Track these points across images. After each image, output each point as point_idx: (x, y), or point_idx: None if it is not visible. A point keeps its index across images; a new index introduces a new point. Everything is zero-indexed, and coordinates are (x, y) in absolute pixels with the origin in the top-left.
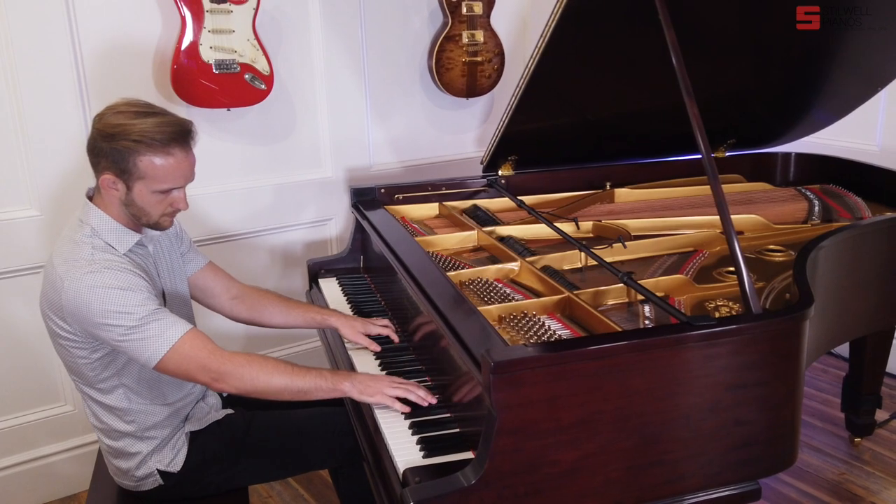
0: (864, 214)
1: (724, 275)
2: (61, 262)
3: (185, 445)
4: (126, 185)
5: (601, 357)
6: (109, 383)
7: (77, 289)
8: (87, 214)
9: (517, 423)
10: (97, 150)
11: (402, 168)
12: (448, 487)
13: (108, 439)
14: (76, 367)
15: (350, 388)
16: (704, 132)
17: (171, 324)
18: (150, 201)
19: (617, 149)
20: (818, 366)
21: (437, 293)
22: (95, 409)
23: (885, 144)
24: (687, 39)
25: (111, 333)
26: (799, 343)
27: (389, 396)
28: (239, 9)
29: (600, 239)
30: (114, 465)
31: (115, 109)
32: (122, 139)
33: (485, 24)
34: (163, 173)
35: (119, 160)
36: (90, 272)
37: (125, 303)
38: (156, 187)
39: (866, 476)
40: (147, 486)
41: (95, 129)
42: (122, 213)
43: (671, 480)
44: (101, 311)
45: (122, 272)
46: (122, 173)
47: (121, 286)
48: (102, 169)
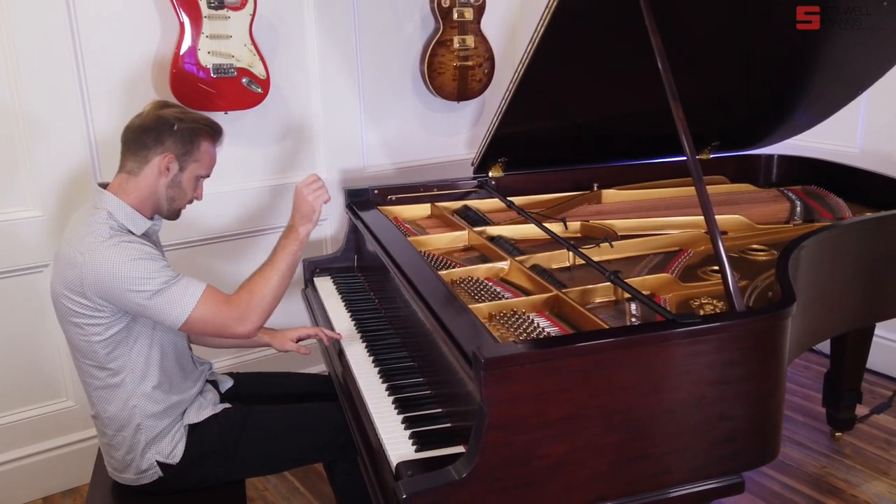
0: (845, 215)
1: (708, 273)
2: (78, 242)
3: (183, 438)
4: (180, 166)
5: (589, 354)
6: (118, 363)
7: (99, 260)
8: (101, 200)
9: (507, 418)
10: (162, 132)
11: (395, 170)
12: (440, 480)
13: (108, 429)
14: (88, 346)
15: (299, 222)
16: (689, 135)
17: (190, 284)
18: (191, 185)
19: (604, 151)
20: (800, 362)
21: (428, 291)
22: (99, 396)
23: (865, 147)
24: (672, 44)
25: (137, 297)
26: (781, 340)
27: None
28: (236, 15)
29: (588, 239)
30: (113, 459)
31: (168, 105)
32: (192, 123)
33: (475, 29)
34: (208, 160)
35: (186, 141)
36: (110, 246)
37: (147, 268)
38: (199, 172)
39: (847, 469)
40: (147, 480)
41: (159, 115)
42: (146, 200)
43: (657, 474)
44: (125, 277)
45: (140, 244)
46: (184, 154)
47: (140, 256)
48: (166, 149)
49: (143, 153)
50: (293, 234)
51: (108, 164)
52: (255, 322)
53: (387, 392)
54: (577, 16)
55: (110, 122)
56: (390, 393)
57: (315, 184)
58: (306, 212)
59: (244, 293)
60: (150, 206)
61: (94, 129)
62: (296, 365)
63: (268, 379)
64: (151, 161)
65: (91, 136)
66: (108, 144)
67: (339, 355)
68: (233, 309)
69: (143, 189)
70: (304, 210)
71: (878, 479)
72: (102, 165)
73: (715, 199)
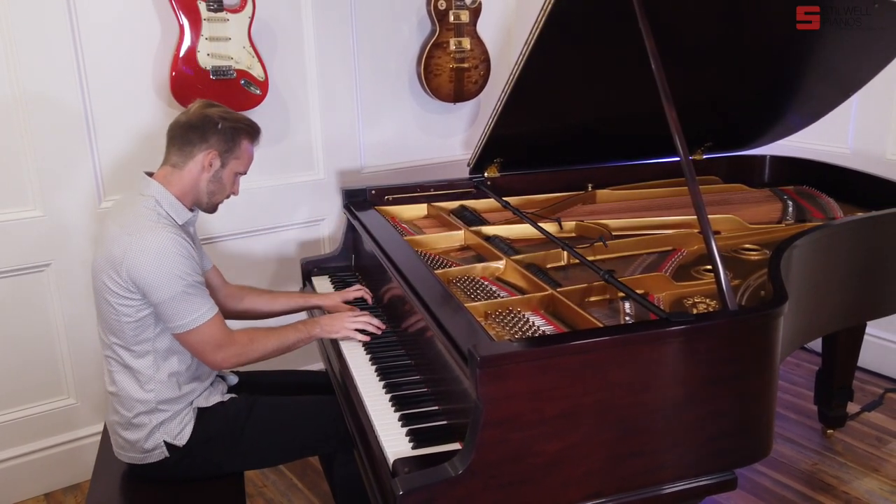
0: (837, 215)
1: (701, 273)
2: (127, 223)
3: (191, 421)
4: (222, 163)
5: (583, 352)
6: (143, 347)
7: (144, 243)
8: (148, 188)
9: (502, 416)
10: (206, 129)
11: (392, 170)
12: (436, 477)
13: (122, 408)
14: (118, 324)
15: (319, 331)
16: (683, 136)
17: (206, 302)
18: (229, 181)
19: (598, 151)
20: (792, 360)
21: (425, 290)
22: (119, 376)
23: (856, 147)
24: (666, 47)
25: (157, 292)
26: (773, 338)
27: (351, 330)
28: (235, 17)
29: (582, 238)
30: (122, 437)
31: (213, 105)
32: (234, 122)
33: (471, 31)
34: (247, 158)
35: (228, 139)
36: (154, 232)
37: (179, 267)
38: (239, 169)
39: (838, 466)
40: (152, 459)
41: (205, 114)
42: (188, 193)
43: (650, 470)
44: (162, 266)
45: (180, 238)
46: (226, 151)
47: (178, 251)
48: (210, 146)
49: (188, 149)
50: (310, 330)
51: (109, 163)
52: (232, 362)
53: (384, 389)
54: (571, 18)
55: (111, 123)
56: (387, 390)
57: (362, 320)
58: (332, 329)
59: (245, 337)
60: (190, 198)
61: (95, 130)
62: (296, 363)
63: (270, 375)
64: (196, 156)
65: (92, 136)
66: (108, 144)
67: (337, 353)
68: (229, 343)
69: (186, 182)
70: (333, 326)
71: (869, 475)
72: (103, 165)
73: (708, 199)
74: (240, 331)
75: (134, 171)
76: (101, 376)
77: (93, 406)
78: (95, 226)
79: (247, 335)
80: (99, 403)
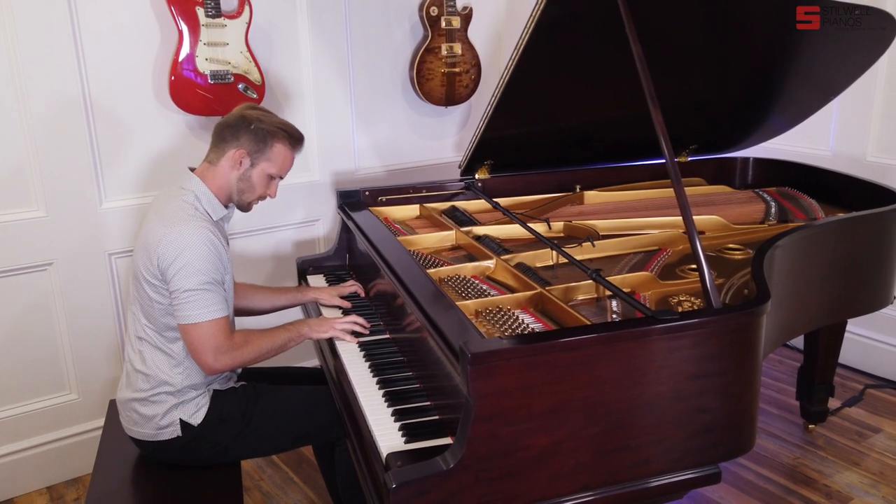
0: (818, 215)
1: (686, 272)
2: (167, 214)
3: (207, 403)
4: (252, 162)
5: (571, 349)
6: (174, 333)
7: (171, 234)
8: (189, 182)
9: (492, 411)
10: (239, 129)
11: (386, 172)
12: (428, 471)
13: (146, 384)
14: (151, 310)
15: (308, 331)
16: (668, 138)
17: (217, 302)
18: (261, 182)
19: (586, 154)
20: (775, 357)
21: (417, 289)
22: (151, 354)
23: (837, 149)
24: (652, 52)
25: (174, 281)
26: (757, 336)
27: (338, 330)
28: (233, 23)
29: (571, 238)
30: (137, 412)
31: (255, 107)
32: (269, 125)
33: (463, 37)
34: (281, 161)
35: (259, 140)
36: (187, 224)
37: (201, 262)
38: (271, 171)
39: (820, 460)
40: (164, 437)
41: (242, 115)
42: (223, 189)
43: (637, 464)
44: (179, 258)
45: (212, 234)
46: (256, 151)
47: (205, 247)
48: (240, 144)
49: (221, 146)
50: (299, 330)
51: (109, 163)
52: (226, 364)
53: (377, 385)
54: (559, 24)
55: (112, 124)
56: (381, 386)
57: (355, 323)
58: (321, 329)
59: (242, 338)
60: (224, 194)
61: (96, 132)
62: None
63: (268, 371)
64: (227, 153)
65: (93, 137)
66: (109, 146)
67: (332, 350)
68: (227, 349)
69: (219, 178)
70: (322, 327)
71: (850, 469)
72: (104, 165)
73: (693, 200)
74: (238, 332)
75: (134, 172)
76: (101, 372)
77: (94, 401)
78: (96, 226)
79: (243, 336)
80: (100, 399)
